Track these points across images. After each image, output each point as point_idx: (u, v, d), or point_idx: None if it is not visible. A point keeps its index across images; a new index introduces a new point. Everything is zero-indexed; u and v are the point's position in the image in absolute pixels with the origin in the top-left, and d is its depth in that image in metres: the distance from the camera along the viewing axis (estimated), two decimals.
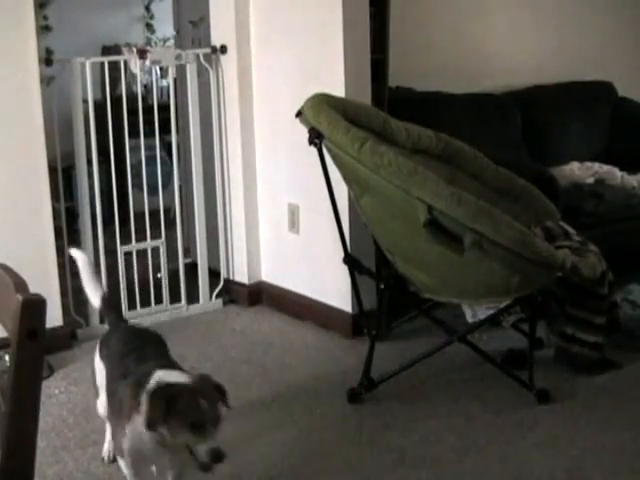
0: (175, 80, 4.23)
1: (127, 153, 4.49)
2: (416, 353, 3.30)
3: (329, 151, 3.04)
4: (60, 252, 3.71)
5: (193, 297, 4.19)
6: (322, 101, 3.07)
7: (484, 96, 4.65)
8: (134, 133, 3.99)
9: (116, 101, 3.87)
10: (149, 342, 2.53)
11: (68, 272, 3.79)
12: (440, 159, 3.33)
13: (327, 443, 2.84)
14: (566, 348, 3.32)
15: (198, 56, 4.04)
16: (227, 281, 4.28)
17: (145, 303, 4.03)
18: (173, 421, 2.08)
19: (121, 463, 2.35)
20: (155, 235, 4.05)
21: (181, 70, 4.16)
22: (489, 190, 3.32)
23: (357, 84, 3.57)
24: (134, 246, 4.02)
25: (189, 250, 4.49)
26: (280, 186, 4.04)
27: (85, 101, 3.75)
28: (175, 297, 4.12)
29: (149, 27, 6.93)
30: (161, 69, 5.43)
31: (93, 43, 6.15)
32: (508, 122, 4.65)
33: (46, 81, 3.63)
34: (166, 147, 4.42)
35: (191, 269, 4.31)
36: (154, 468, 2.40)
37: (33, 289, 1.35)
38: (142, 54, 3.88)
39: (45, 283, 3.49)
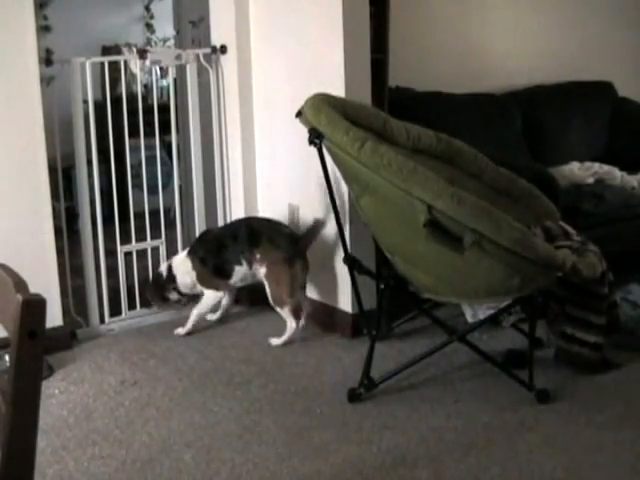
0: (175, 80, 4.24)
1: (127, 153, 4.49)
2: (416, 353, 3.30)
3: (329, 151, 3.04)
4: (60, 252, 3.71)
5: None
6: (322, 101, 3.07)
7: (484, 96, 4.65)
8: (134, 133, 3.99)
9: (116, 101, 3.87)
10: None
11: (68, 272, 3.80)
12: (440, 159, 3.33)
13: (327, 443, 2.84)
14: (566, 348, 3.32)
15: (198, 56, 4.04)
16: None
17: (145, 303, 4.03)
18: None
19: None
20: (155, 235, 4.05)
21: (181, 70, 4.17)
22: (489, 190, 3.32)
23: (357, 84, 3.57)
24: (134, 246, 4.02)
25: None
26: (280, 186, 4.04)
27: (85, 101, 3.75)
28: None
29: (149, 27, 6.94)
30: (161, 69, 5.45)
31: (93, 43, 6.16)
32: (508, 122, 4.65)
33: (46, 81, 3.63)
34: (166, 147, 4.42)
35: None
36: None
37: (33, 289, 1.34)
38: (142, 54, 3.88)
39: (45, 283, 3.49)
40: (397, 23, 3.87)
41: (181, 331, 3.84)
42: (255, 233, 3.72)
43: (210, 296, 3.85)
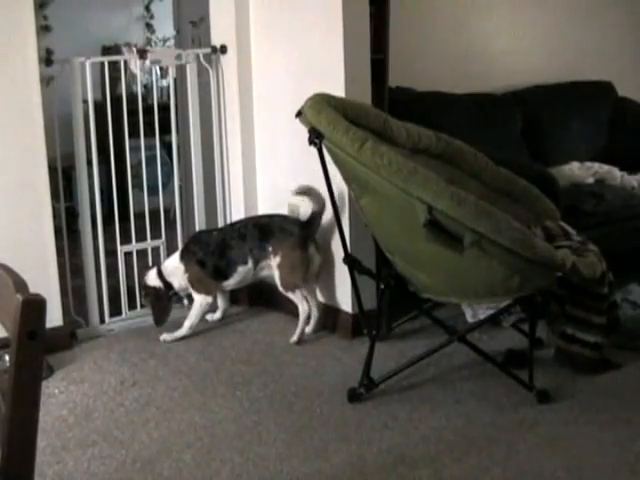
0: (175, 80, 4.23)
1: (127, 153, 4.49)
2: (416, 353, 3.30)
3: (329, 151, 3.04)
4: (60, 252, 3.71)
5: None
6: (322, 101, 3.07)
7: (484, 96, 4.65)
8: (134, 133, 3.99)
9: (116, 101, 3.87)
10: None
11: (68, 272, 3.80)
12: (440, 159, 3.33)
13: (327, 443, 2.84)
14: (566, 348, 3.33)
15: (198, 56, 4.04)
16: None
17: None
18: None
19: None
20: (155, 235, 4.05)
21: (181, 70, 4.16)
22: (489, 190, 3.32)
23: (357, 84, 3.57)
24: (134, 246, 4.02)
25: None
26: (280, 186, 4.04)
27: (85, 101, 3.75)
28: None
29: (149, 27, 6.94)
30: (161, 69, 5.43)
31: (93, 43, 6.15)
32: (508, 122, 4.65)
33: (46, 81, 3.63)
34: (166, 147, 4.41)
35: None
36: None
37: (33, 289, 1.35)
38: (142, 54, 3.88)
39: (45, 283, 3.49)
40: (397, 23, 3.87)
41: (168, 337, 3.79)
42: (265, 227, 3.74)
43: (200, 302, 3.82)
